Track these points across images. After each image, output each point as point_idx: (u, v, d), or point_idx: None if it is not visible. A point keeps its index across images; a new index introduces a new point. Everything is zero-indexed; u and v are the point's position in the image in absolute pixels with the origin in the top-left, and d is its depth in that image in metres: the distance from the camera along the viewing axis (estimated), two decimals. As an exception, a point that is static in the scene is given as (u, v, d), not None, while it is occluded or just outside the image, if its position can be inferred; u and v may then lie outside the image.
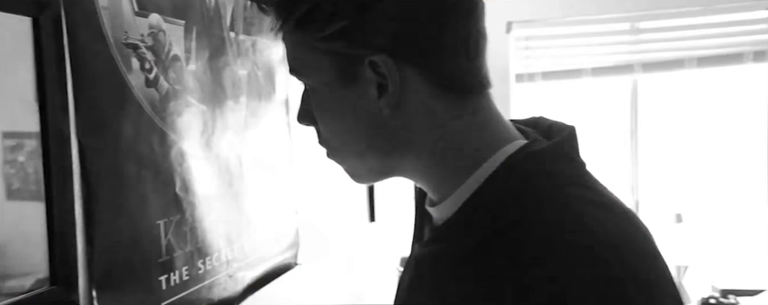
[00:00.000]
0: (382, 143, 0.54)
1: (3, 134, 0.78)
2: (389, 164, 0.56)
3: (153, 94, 0.98)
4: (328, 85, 0.54)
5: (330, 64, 0.52)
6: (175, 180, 1.03)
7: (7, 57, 0.78)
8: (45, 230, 0.81)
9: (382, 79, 0.51)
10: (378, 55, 0.50)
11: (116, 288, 0.91)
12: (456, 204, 0.53)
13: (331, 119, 0.55)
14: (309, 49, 0.53)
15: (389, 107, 0.52)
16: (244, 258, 1.25)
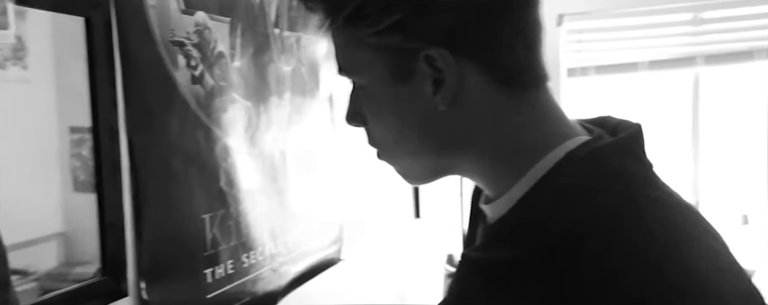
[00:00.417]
0: (437, 140, 0.53)
1: (70, 129, 0.82)
2: (445, 162, 0.55)
3: (198, 90, 1.01)
4: (380, 82, 0.52)
5: (383, 61, 0.51)
6: (220, 175, 1.06)
7: (66, 55, 0.82)
8: (97, 222, 0.85)
9: (438, 73, 0.49)
10: (434, 49, 0.49)
11: (163, 279, 0.94)
12: (510, 202, 0.51)
13: (383, 118, 0.54)
14: (360, 45, 0.51)
15: (446, 103, 0.50)
16: (287, 253, 1.28)
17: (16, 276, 0.75)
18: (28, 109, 0.77)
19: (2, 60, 0.74)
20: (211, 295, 1.04)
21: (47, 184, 0.80)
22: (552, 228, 0.47)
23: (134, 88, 0.89)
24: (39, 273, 0.77)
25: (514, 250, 0.49)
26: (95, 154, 0.84)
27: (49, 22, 0.80)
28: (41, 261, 0.78)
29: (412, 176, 0.57)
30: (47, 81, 0.80)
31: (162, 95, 0.94)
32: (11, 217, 0.74)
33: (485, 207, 0.56)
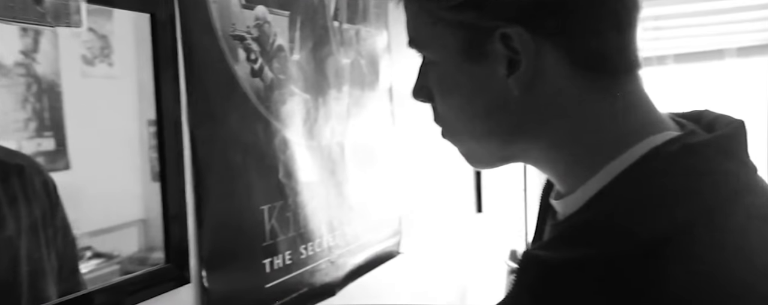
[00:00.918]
0: (507, 126, 0.49)
1: (148, 122, 0.86)
2: (512, 149, 0.51)
3: (258, 83, 1.04)
4: (451, 59, 0.49)
5: (456, 37, 0.48)
6: (279, 167, 1.08)
7: (136, 51, 0.86)
8: (161, 211, 0.89)
9: (513, 54, 0.46)
10: (512, 28, 0.45)
11: (223, 268, 0.98)
12: (583, 198, 0.47)
13: (450, 96, 0.51)
14: (433, 18, 0.49)
15: (519, 87, 0.47)
16: (345, 245, 1.29)
17: (102, 258, 0.81)
18: (113, 103, 0.82)
19: (91, 57, 0.79)
20: (270, 285, 1.07)
21: (129, 174, 0.85)
22: (627, 234, 0.42)
23: (196, 82, 0.92)
24: (121, 256, 0.83)
25: (580, 252, 0.44)
26: (159, 146, 0.87)
27: (132, 21, 0.84)
28: (124, 246, 0.84)
29: (474, 158, 0.54)
30: (129, 77, 0.85)
31: (223, 89, 0.97)
32: (98, 204, 0.80)
33: (555, 203, 0.52)
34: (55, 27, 0.75)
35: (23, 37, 0.70)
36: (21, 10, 0.72)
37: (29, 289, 0.71)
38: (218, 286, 0.96)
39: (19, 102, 0.69)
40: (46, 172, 0.73)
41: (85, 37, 0.77)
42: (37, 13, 0.73)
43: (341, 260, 1.28)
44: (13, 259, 0.70)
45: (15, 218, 0.71)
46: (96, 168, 0.79)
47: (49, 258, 0.74)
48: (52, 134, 0.73)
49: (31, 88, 0.71)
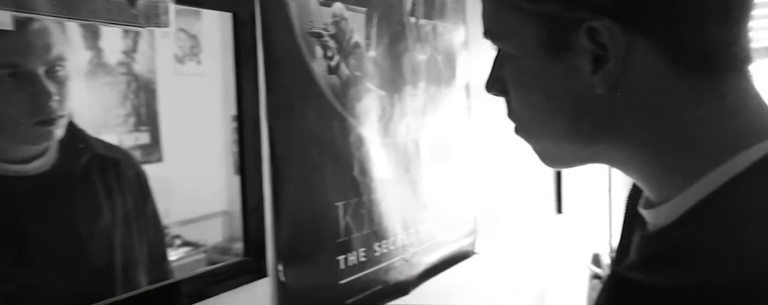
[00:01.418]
0: (588, 127, 0.46)
1: (231, 117, 0.90)
2: (592, 150, 0.48)
3: (334, 80, 1.05)
4: (529, 52, 0.46)
5: (537, 29, 0.45)
6: (353, 164, 1.09)
7: (222, 49, 0.89)
8: (240, 205, 0.92)
9: (600, 49, 0.42)
10: (600, 20, 0.41)
11: (299, 263, 1.00)
12: (679, 210, 0.43)
13: (527, 92, 0.48)
14: (512, 9, 0.46)
15: (605, 85, 0.43)
16: (419, 243, 1.29)
17: (189, 247, 0.85)
18: (200, 99, 0.86)
19: (182, 56, 0.83)
20: (344, 281, 1.08)
21: (214, 167, 0.89)
22: (735, 260, 0.37)
23: (275, 78, 0.94)
24: (207, 246, 0.87)
25: (681, 278, 0.38)
26: (239, 141, 0.90)
27: (218, 20, 0.88)
28: (209, 236, 0.87)
29: (550, 158, 0.51)
30: (216, 74, 0.89)
31: (300, 85, 0.99)
32: (187, 195, 0.84)
33: (645, 212, 0.47)
34: (145, 28, 0.79)
35: (124, 38, 0.75)
36: (117, 12, 0.76)
37: (123, 276, 0.76)
38: (294, 281, 0.98)
39: (119, 99, 0.74)
40: (138, 164, 0.78)
41: (177, 37, 0.82)
42: (131, 15, 0.77)
43: (415, 258, 1.27)
44: (108, 248, 0.75)
45: (111, 209, 0.75)
46: (185, 161, 0.84)
47: (141, 247, 0.79)
48: (147, 129, 0.78)
49: (131, 85, 0.76)
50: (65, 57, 0.69)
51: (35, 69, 0.66)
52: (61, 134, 0.69)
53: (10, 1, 0.65)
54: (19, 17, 0.66)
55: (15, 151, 0.66)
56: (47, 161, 0.69)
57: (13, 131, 0.66)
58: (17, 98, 0.65)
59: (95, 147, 0.73)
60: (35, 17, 0.67)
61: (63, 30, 0.69)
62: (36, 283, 0.67)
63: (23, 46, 0.65)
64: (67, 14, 0.70)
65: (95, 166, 0.73)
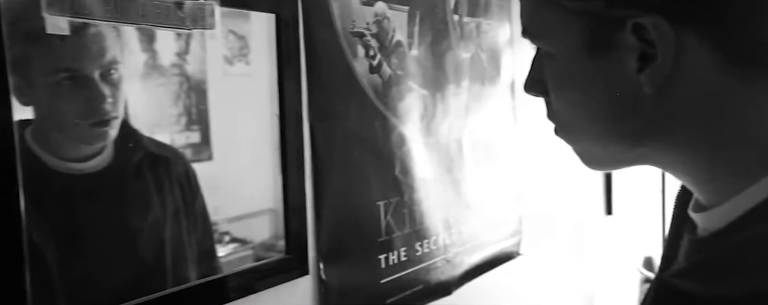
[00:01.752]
0: (633, 128, 0.44)
1: (278, 117, 0.92)
2: (638, 152, 0.46)
3: (376, 79, 1.05)
4: (571, 51, 0.45)
5: (579, 27, 0.43)
6: (395, 163, 1.10)
7: (268, 50, 0.91)
8: (282, 204, 0.93)
9: (648, 47, 0.41)
10: (647, 17, 0.40)
11: (340, 262, 1.01)
12: (733, 214, 0.41)
13: (568, 92, 0.47)
14: (553, 7, 0.44)
15: (653, 84, 0.41)
16: (462, 244, 1.28)
17: (238, 243, 0.88)
18: (249, 99, 0.89)
19: (231, 57, 0.86)
20: (385, 280, 1.09)
21: (261, 165, 0.91)
22: None
23: (317, 78, 0.96)
24: (255, 243, 0.89)
25: (734, 288, 0.37)
26: (281, 140, 0.92)
27: (266, 21, 0.90)
28: (257, 233, 0.90)
29: (591, 160, 0.49)
30: (263, 74, 0.91)
31: (342, 85, 1.00)
32: (236, 193, 0.87)
33: (695, 215, 0.46)
34: (192, 30, 0.82)
35: (177, 41, 0.78)
36: (165, 15, 0.79)
37: (173, 271, 0.79)
38: (335, 279, 0.99)
39: (172, 99, 0.77)
40: (188, 162, 0.81)
41: (227, 39, 0.85)
42: (179, 18, 0.80)
43: (458, 258, 1.27)
44: (159, 244, 0.78)
45: (161, 205, 0.78)
46: (234, 159, 0.86)
47: (190, 243, 0.81)
48: (198, 128, 0.81)
49: (183, 86, 0.79)
50: (119, 60, 0.72)
51: (91, 73, 0.69)
52: (115, 134, 0.72)
53: (68, 8, 0.68)
54: (75, 22, 0.70)
55: (74, 150, 0.70)
56: (103, 159, 0.72)
57: (71, 132, 0.69)
58: (74, 100, 0.68)
59: (148, 146, 0.76)
60: (90, 22, 0.70)
61: (118, 34, 0.72)
62: (92, 275, 0.70)
63: (80, 51, 0.69)
64: (119, 18, 0.73)
65: (147, 164, 0.76)
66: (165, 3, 0.77)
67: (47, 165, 0.66)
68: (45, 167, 0.66)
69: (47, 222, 0.66)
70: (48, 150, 0.66)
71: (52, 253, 0.67)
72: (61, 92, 0.67)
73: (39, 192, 0.64)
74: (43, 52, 0.65)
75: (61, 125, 0.68)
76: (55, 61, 0.66)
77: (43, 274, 0.66)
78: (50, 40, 0.66)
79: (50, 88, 0.66)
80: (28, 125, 0.64)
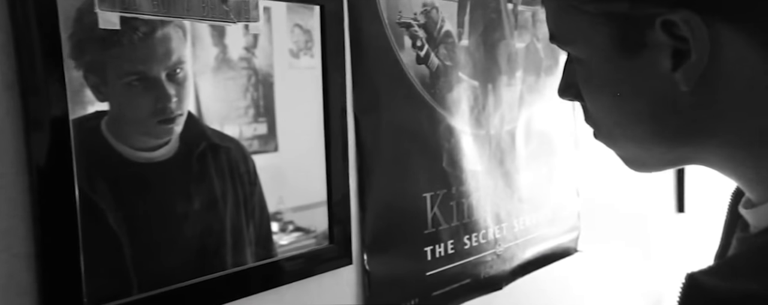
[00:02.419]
0: (673, 128, 0.43)
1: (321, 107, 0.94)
2: (681, 152, 0.45)
3: (423, 70, 1.05)
4: (599, 54, 0.44)
5: (605, 29, 0.43)
6: (442, 155, 1.09)
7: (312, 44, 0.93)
8: (325, 194, 0.95)
9: (681, 43, 0.40)
10: (676, 13, 0.39)
11: (384, 253, 1.02)
12: None
13: (602, 96, 0.46)
14: (576, 11, 0.44)
15: (690, 82, 0.40)
16: (513, 238, 1.26)
17: (300, 232, 0.92)
18: (310, 92, 0.92)
19: (296, 50, 0.89)
20: (431, 273, 1.09)
21: (321, 157, 0.94)
22: None
23: (362, 69, 0.97)
24: (317, 232, 0.93)
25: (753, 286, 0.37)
26: (325, 132, 0.93)
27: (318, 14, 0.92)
28: (318, 223, 0.93)
29: (636, 163, 0.48)
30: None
31: (388, 76, 1.00)
32: (299, 183, 0.90)
33: (745, 212, 0.45)
34: (237, 23, 0.84)
35: (246, 35, 0.82)
36: (210, 9, 0.82)
37: (232, 254, 0.83)
38: (379, 269, 1.01)
39: (241, 92, 0.81)
40: (248, 153, 0.84)
41: (293, 33, 0.88)
42: (223, 11, 0.83)
43: (508, 253, 1.25)
44: (220, 230, 0.82)
45: (222, 192, 0.82)
46: (297, 151, 0.90)
47: (248, 229, 0.85)
48: (265, 120, 0.85)
49: (251, 79, 0.82)
50: (184, 60, 0.77)
51: (158, 74, 0.74)
52: (180, 130, 0.77)
53: (118, 4, 0.72)
54: (126, 16, 0.74)
55: (143, 142, 0.75)
56: (170, 149, 0.77)
57: (140, 127, 0.74)
58: (143, 100, 0.74)
59: (211, 137, 0.80)
60: (140, 17, 0.73)
61: (184, 33, 0.76)
62: (159, 255, 0.75)
63: (148, 54, 0.74)
64: (165, 13, 0.76)
65: (210, 154, 0.81)
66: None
67: (120, 153, 0.72)
68: (118, 155, 0.72)
69: (120, 206, 0.71)
70: (120, 140, 0.72)
71: (125, 236, 0.72)
72: (131, 92, 0.72)
73: (112, 178, 0.70)
74: (117, 54, 0.71)
75: (132, 120, 0.73)
76: (127, 64, 0.72)
77: (117, 254, 0.71)
78: (124, 44, 0.71)
79: (122, 88, 0.72)
80: (103, 116, 0.70)
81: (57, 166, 0.66)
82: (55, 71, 0.66)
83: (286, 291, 0.90)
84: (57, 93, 0.66)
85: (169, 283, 0.76)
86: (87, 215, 0.68)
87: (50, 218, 0.66)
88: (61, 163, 0.67)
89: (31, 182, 0.64)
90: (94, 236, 0.69)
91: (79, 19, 0.68)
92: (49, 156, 0.66)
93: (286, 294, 0.90)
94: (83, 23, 0.68)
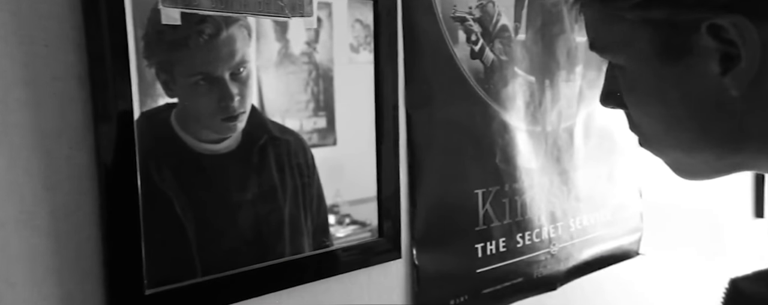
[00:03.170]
0: (724, 133, 0.43)
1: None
2: (734, 158, 0.45)
3: (477, 65, 1.05)
4: (642, 62, 0.44)
5: (647, 36, 0.42)
6: (496, 152, 1.09)
7: (371, 38, 0.95)
8: (375, 188, 0.97)
9: (729, 47, 0.39)
10: (723, 17, 0.38)
11: (434, 248, 1.03)
12: None
13: (646, 104, 0.46)
14: (616, 20, 0.44)
15: (741, 86, 0.40)
16: (569, 238, 1.24)
17: (357, 225, 0.95)
18: (368, 86, 0.94)
19: (356, 45, 0.91)
20: (481, 270, 1.09)
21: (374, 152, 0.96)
22: None
23: (415, 64, 0.98)
24: (373, 225, 0.96)
25: None
26: (376, 127, 0.95)
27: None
28: (372, 216, 0.96)
29: (685, 171, 0.48)
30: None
31: (441, 71, 1.01)
32: (356, 177, 0.93)
33: None
34: (291, 18, 0.88)
35: (307, 30, 0.85)
36: (266, 4, 0.85)
37: (290, 243, 0.87)
38: (428, 265, 1.02)
39: (302, 86, 0.85)
40: (308, 146, 0.88)
41: (353, 28, 0.91)
42: (278, 7, 0.86)
43: (564, 253, 1.23)
44: (279, 220, 0.86)
45: (282, 185, 0.86)
46: (354, 145, 0.92)
47: (306, 220, 0.89)
48: (324, 114, 0.88)
49: (311, 73, 0.85)
50: (247, 59, 0.80)
51: (222, 74, 0.78)
52: (243, 126, 0.81)
53: (180, 0, 0.76)
54: (186, 12, 0.78)
55: (207, 135, 0.79)
56: (233, 142, 0.81)
57: (205, 123, 0.78)
58: (207, 99, 0.78)
59: (272, 130, 0.84)
60: (199, 13, 0.77)
61: (249, 32, 0.80)
62: (221, 242, 0.79)
63: (213, 55, 0.78)
64: (223, 9, 0.80)
65: (270, 146, 0.84)
66: (266, -7, 0.83)
67: (186, 144, 0.77)
68: (185, 146, 0.76)
69: (184, 194, 0.76)
70: (187, 132, 0.76)
71: (190, 222, 0.77)
72: (197, 91, 0.76)
73: (178, 167, 0.75)
74: (184, 54, 0.75)
75: (197, 116, 0.77)
76: (193, 64, 0.76)
77: (181, 239, 0.76)
78: (191, 45, 0.75)
79: (189, 86, 0.76)
80: (173, 108, 0.74)
81: (122, 155, 0.71)
82: (122, 67, 0.71)
83: (336, 282, 0.93)
84: (123, 88, 0.71)
85: (230, 268, 0.80)
86: (152, 201, 0.73)
87: (115, 204, 0.71)
88: (126, 153, 0.71)
89: (98, 169, 0.70)
90: (158, 221, 0.73)
91: (152, 20, 0.73)
92: (116, 147, 0.70)
93: (335, 285, 0.93)
94: (154, 25, 0.73)
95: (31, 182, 0.65)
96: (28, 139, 0.65)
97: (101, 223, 0.70)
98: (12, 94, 0.64)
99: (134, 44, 0.71)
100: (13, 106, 0.64)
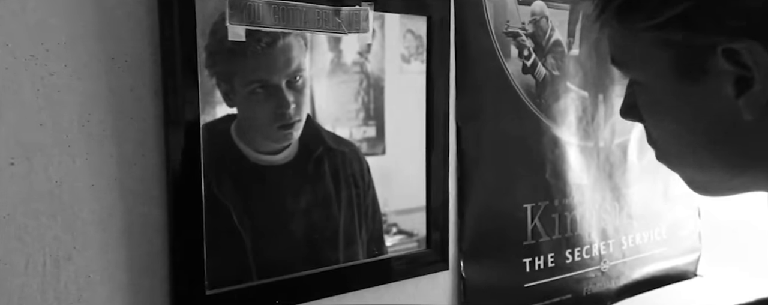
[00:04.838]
0: (735, 155, 0.45)
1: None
2: (743, 179, 0.47)
3: (529, 80, 1.09)
4: (660, 80, 0.46)
5: (664, 56, 0.45)
6: (546, 166, 1.12)
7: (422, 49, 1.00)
8: (424, 199, 1.02)
9: (743, 71, 0.41)
10: (738, 42, 0.41)
11: (481, 260, 1.07)
12: None
13: (663, 121, 0.48)
14: (634, 37, 0.46)
15: (754, 110, 0.42)
16: (621, 256, 1.26)
17: (403, 235, 0.99)
18: (420, 97, 0.99)
19: (408, 56, 0.96)
20: (529, 284, 1.12)
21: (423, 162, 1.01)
22: None
23: (467, 78, 1.03)
24: (419, 236, 1.00)
25: None
26: (427, 138, 1.00)
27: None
28: (419, 227, 1.00)
29: (699, 187, 0.50)
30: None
31: (492, 85, 1.05)
32: (404, 187, 0.98)
33: None
34: (348, 34, 0.94)
35: (359, 41, 0.90)
36: (324, 21, 0.92)
37: (344, 251, 0.92)
38: (475, 277, 1.06)
39: (353, 95, 0.90)
40: (363, 157, 0.93)
41: (405, 38, 0.96)
42: (336, 23, 0.93)
43: (615, 271, 1.25)
44: (334, 229, 0.92)
45: (337, 195, 0.92)
46: (403, 155, 0.97)
47: (361, 230, 0.94)
48: (374, 123, 0.92)
49: (362, 83, 0.91)
50: (303, 67, 0.86)
51: (279, 82, 0.84)
52: (299, 135, 0.86)
53: (245, 18, 0.84)
54: (250, 29, 0.85)
55: (265, 146, 0.85)
56: (290, 153, 0.86)
57: (263, 132, 0.84)
58: (264, 106, 0.83)
59: (327, 141, 0.90)
60: (262, 30, 0.85)
61: (305, 43, 0.86)
62: (276, 248, 0.86)
63: (270, 63, 0.83)
64: (284, 25, 0.87)
65: (326, 157, 0.90)
66: (325, 10, 0.90)
67: (245, 156, 0.82)
68: (244, 157, 0.82)
69: (243, 204, 0.82)
70: (246, 143, 0.82)
71: (247, 231, 0.83)
72: (255, 99, 0.82)
73: (237, 178, 0.81)
74: (243, 64, 0.81)
75: (255, 125, 0.83)
76: (251, 73, 0.82)
77: (239, 246, 0.82)
78: (249, 54, 0.81)
79: (247, 95, 0.82)
80: (233, 120, 0.80)
81: (189, 165, 0.78)
82: (192, 79, 0.78)
83: (385, 291, 0.98)
84: (191, 99, 0.78)
85: (284, 273, 0.86)
86: (212, 210, 0.79)
87: (182, 209, 0.78)
88: (193, 163, 0.78)
89: (167, 175, 0.77)
90: (217, 229, 0.79)
91: (214, 32, 0.80)
92: (183, 156, 0.77)
93: (384, 293, 0.98)
94: (216, 36, 0.80)
95: (109, 185, 0.73)
96: (106, 145, 0.73)
97: (169, 226, 0.77)
98: (98, 104, 0.72)
99: (200, 57, 0.79)
100: (96, 116, 0.72)
